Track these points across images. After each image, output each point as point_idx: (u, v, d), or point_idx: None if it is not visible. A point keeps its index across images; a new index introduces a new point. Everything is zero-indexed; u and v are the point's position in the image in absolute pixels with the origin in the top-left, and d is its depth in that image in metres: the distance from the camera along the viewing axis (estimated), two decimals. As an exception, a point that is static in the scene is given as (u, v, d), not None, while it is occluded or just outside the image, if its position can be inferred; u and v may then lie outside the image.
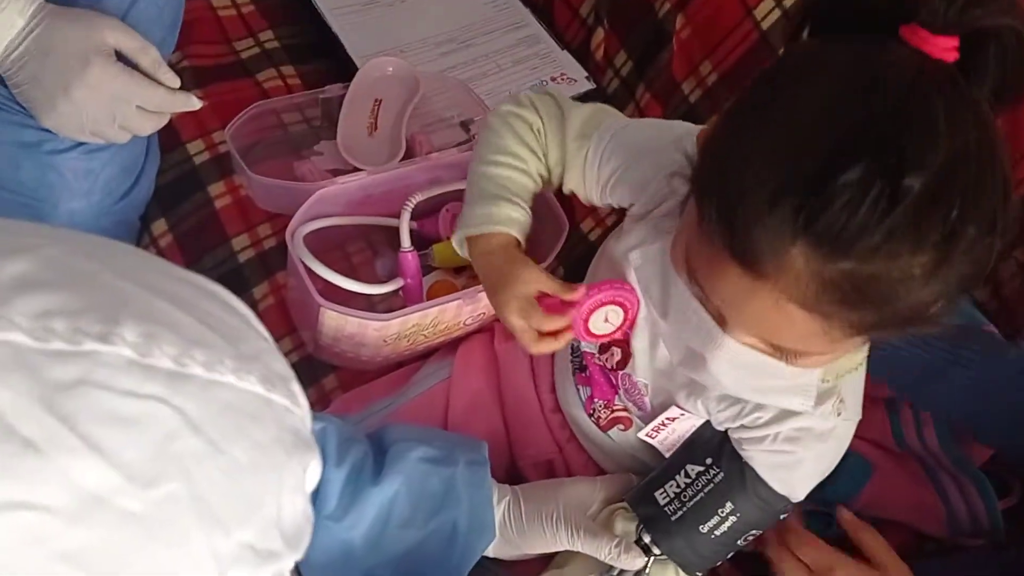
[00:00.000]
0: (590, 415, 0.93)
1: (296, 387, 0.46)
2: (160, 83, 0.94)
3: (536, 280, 0.80)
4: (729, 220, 0.61)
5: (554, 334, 0.80)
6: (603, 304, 0.79)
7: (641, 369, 0.87)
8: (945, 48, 0.59)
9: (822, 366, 0.72)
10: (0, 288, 0.37)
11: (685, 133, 0.82)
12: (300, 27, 1.27)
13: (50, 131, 0.94)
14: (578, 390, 0.93)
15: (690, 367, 0.74)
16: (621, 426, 0.91)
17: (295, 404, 0.45)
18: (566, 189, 0.89)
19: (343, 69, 1.21)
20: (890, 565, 0.88)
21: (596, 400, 0.92)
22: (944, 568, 0.97)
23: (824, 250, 0.57)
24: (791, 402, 0.75)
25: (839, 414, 0.78)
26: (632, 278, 0.82)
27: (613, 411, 0.91)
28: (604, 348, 0.91)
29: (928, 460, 1.00)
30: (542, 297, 0.80)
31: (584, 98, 1.26)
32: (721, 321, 0.68)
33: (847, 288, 0.59)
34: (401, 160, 1.10)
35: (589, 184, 0.86)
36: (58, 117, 0.91)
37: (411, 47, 1.25)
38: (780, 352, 0.67)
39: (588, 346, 0.91)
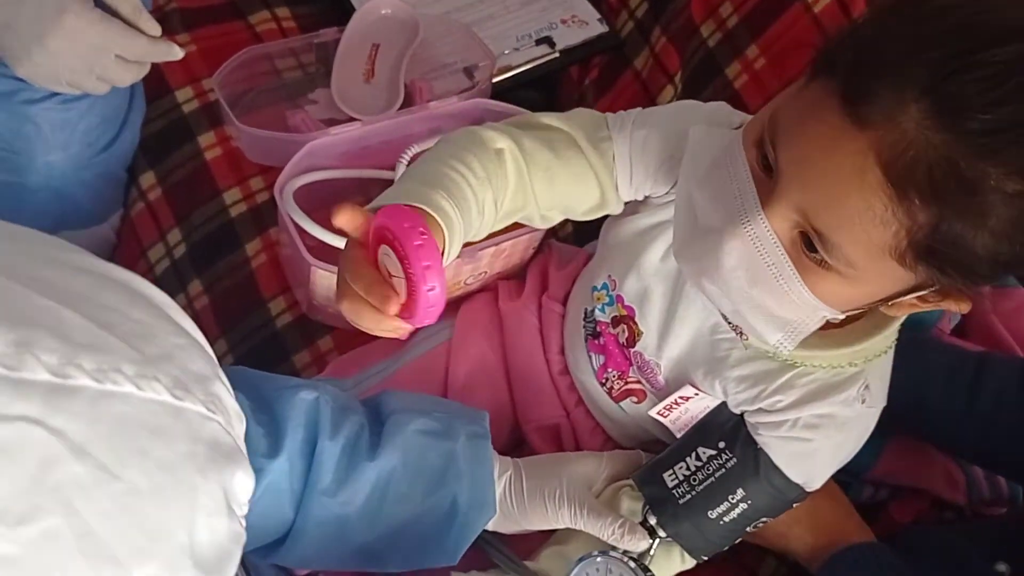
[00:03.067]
0: (602, 384, 0.88)
1: (219, 387, 0.40)
2: (141, 31, 0.89)
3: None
4: (859, 60, 0.58)
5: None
6: (380, 242, 0.61)
7: (651, 348, 0.82)
8: None
9: (833, 304, 0.64)
10: None
11: (701, 107, 0.79)
12: (295, -36, 1.21)
13: (24, 80, 0.89)
14: (590, 357, 0.89)
15: (692, 252, 0.68)
16: (634, 398, 0.87)
17: (215, 409, 0.39)
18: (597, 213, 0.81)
19: (340, 10, 1.15)
20: None
21: (610, 369, 0.87)
22: (968, 535, 0.93)
23: (946, 113, 0.54)
24: (769, 333, 0.68)
25: (863, 401, 0.74)
26: (652, 253, 0.79)
27: (627, 382, 0.87)
28: (616, 322, 0.86)
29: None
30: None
31: (597, 42, 1.19)
32: (766, 195, 0.62)
33: (936, 167, 0.55)
34: (399, 109, 1.04)
35: (637, 179, 0.78)
36: (33, 67, 0.86)
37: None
38: (804, 255, 0.62)
39: (603, 315, 0.86)
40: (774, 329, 0.68)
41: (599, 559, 0.78)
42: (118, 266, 0.41)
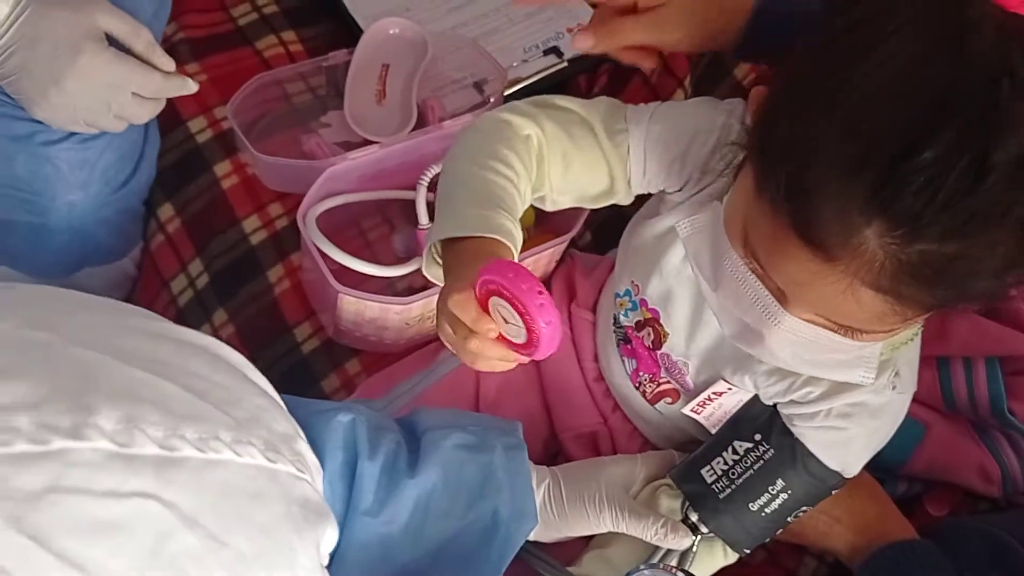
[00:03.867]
0: (636, 387, 0.89)
1: (302, 445, 0.41)
2: (155, 67, 0.89)
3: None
4: (796, 196, 0.57)
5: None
6: (490, 294, 0.63)
7: (679, 349, 0.83)
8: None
9: (886, 339, 0.68)
10: None
11: (718, 104, 0.78)
12: (303, -12, 1.21)
13: (42, 122, 0.89)
14: (623, 361, 0.90)
15: (745, 342, 0.70)
16: (668, 399, 0.87)
17: (302, 467, 0.41)
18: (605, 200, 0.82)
19: (347, 31, 1.15)
20: None
21: (642, 373, 0.88)
22: (1005, 525, 0.94)
23: (903, 231, 0.54)
24: (851, 375, 0.70)
25: (893, 387, 0.75)
26: (674, 255, 0.78)
27: (659, 384, 0.87)
28: (640, 325, 0.86)
29: (978, 419, 0.96)
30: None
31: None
32: (781, 298, 0.64)
33: (926, 270, 0.55)
34: (413, 128, 1.04)
35: (651, 173, 0.78)
36: (50, 109, 0.86)
37: (417, 5, 1.18)
38: (843, 329, 0.64)
39: (628, 320, 0.87)
40: (852, 368, 0.70)
41: (646, 572, 0.78)
42: (193, 330, 0.42)
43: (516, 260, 0.68)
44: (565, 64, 1.17)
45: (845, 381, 0.72)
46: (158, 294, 1.07)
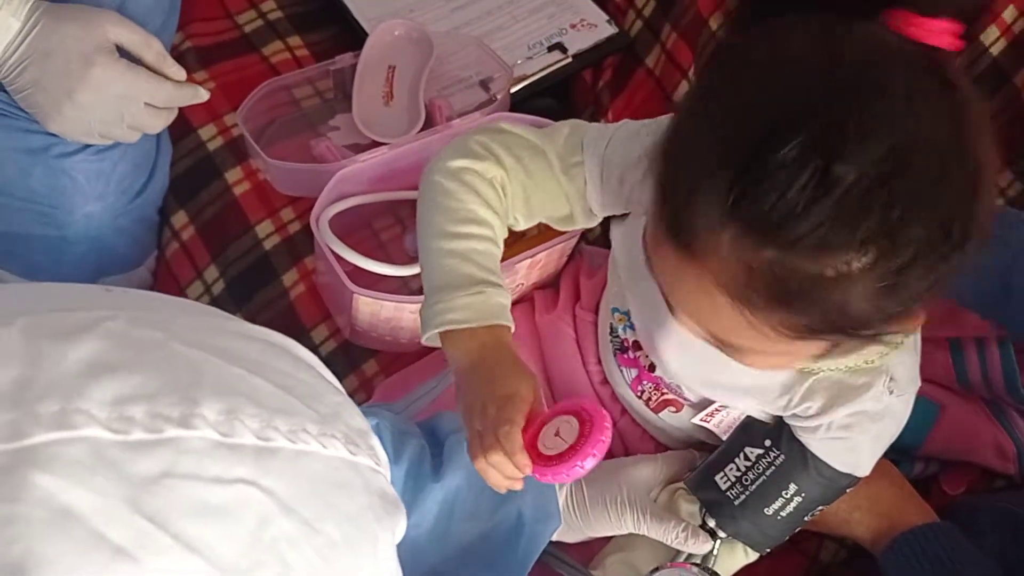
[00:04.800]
0: (638, 396, 0.89)
1: (375, 441, 0.43)
2: (166, 77, 0.90)
3: (527, 399, 0.69)
4: (666, 194, 0.58)
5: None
6: (553, 417, 0.70)
7: (672, 375, 0.83)
8: (939, 32, 0.54)
9: (778, 369, 0.68)
10: (70, 376, 0.35)
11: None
12: (307, -7, 1.22)
13: (57, 135, 0.90)
14: (621, 371, 0.89)
15: (647, 344, 0.73)
16: (672, 408, 0.87)
17: (377, 461, 0.43)
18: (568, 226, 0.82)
19: (352, 34, 1.16)
20: None
21: (644, 382, 0.88)
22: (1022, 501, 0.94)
23: (752, 234, 0.54)
24: (747, 405, 0.73)
25: (891, 392, 0.74)
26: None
27: (663, 394, 0.87)
28: (637, 346, 0.86)
29: (993, 398, 0.96)
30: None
31: (608, 43, 1.20)
32: (670, 303, 0.65)
33: (772, 281, 0.55)
34: (421, 129, 1.05)
35: (607, 201, 0.78)
36: (64, 122, 0.87)
37: (420, 5, 1.19)
38: (722, 345, 0.63)
39: (625, 334, 0.87)
40: (750, 399, 0.75)
41: (668, 572, 0.79)
42: (276, 332, 0.44)
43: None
44: (570, 60, 1.18)
45: (745, 412, 0.73)
46: (175, 301, 1.08)
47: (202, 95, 0.93)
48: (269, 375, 0.40)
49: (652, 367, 0.85)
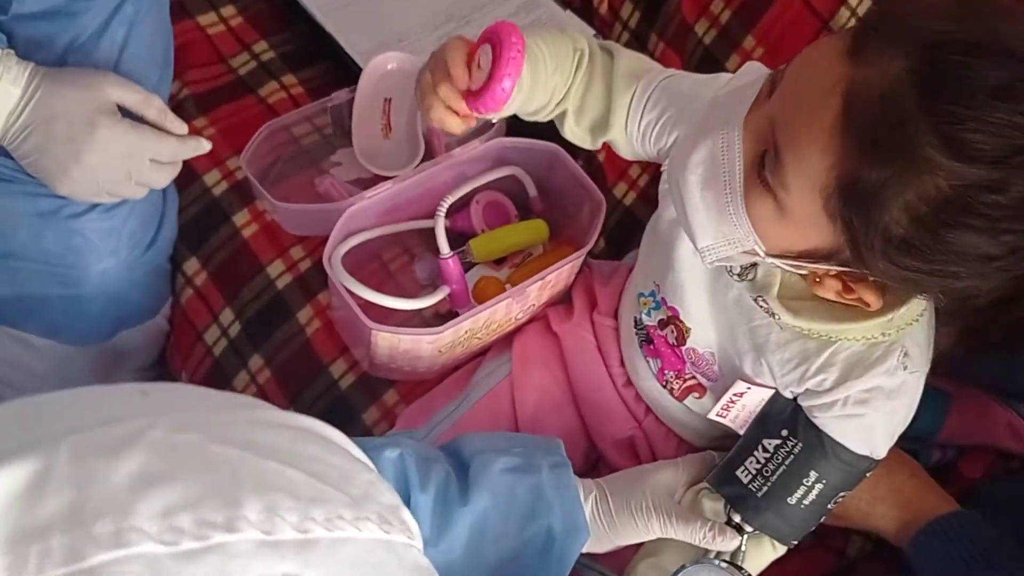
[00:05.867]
0: (663, 386, 0.92)
1: (406, 514, 0.45)
2: (169, 132, 0.92)
3: (461, 40, 0.81)
4: (882, 12, 0.65)
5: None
6: (475, 51, 0.78)
7: (703, 340, 0.86)
8: None
9: (767, 239, 0.70)
10: (120, 493, 0.37)
11: (737, 72, 0.85)
12: (292, 32, 1.23)
13: (66, 197, 0.92)
14: (648, 362, 0.92)
15: (676, 158, 0.75)
16: (696, 394, 0.90)
17: (411, 535, 0.44)
18: (603, 139, 0.90)
19: (344, 68, 1.17)
20: None
21: (667, 371, 0.91)
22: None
23: (921, 84, 0.58)
24: (701, 235, 0.73)
25: (905, 368, 0.77)
26: (683, 247, 0.83)
27: (685, 380, 0.90)
28: (663, 324, 0.89)
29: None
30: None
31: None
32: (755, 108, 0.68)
33: (887, 125, 0.59)
34: (423, 160, 1.06)
35: (631, 127, 0.87)
36: (73, 184, 0.89)
37: (409, 34, 1.20)
38: (756, 179, 0.67)
39: (650, 319, 0.90)
40: (707, 234, 0.73)
41: (695, 568, 0.80)
42: (302, 415, 0.46)
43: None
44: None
45: (693, 238, 0.74)
46: (193, 346, 1.10)
47: (205, 146, 0.95)
48: (302, 464, 0.41)
49: (680, 340, 0.87)
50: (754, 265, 0.78)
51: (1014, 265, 0.62)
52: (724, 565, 0.81)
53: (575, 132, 0.90)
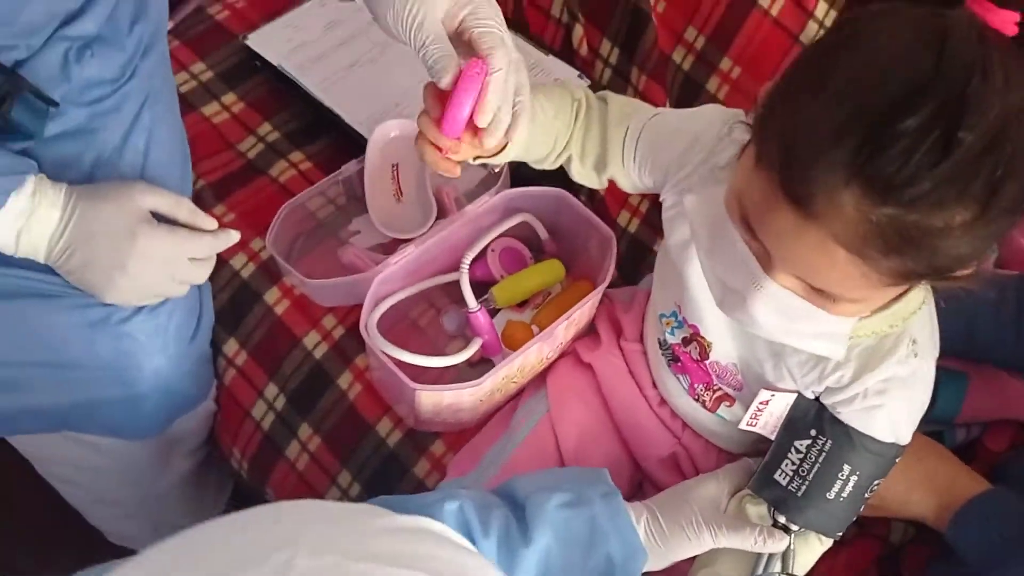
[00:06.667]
0: (696, 399, 0.97)
1: None
2: (201, 229, 0.97)
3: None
4: (787, 157, 0.65)
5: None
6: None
7: (724, 353, 0.91)
8: (1005, 21, 0.63)
9: (856, 315, 0.76)
10: None
11: (719, 109, 0.91)
12: (293, 111, 1.28)
13: (113, 304, 0.97)
14: (678, 379, 0.98)
15: (729, 306, 0.79)
16: (727, 403, 0.95)
17: None
18: (606, 176, 0.96)
19: (347, 138, 1.23)
20: None
21: (697, 385, 0.96)
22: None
23: (875, 193, 0.62)
24: (820, 347, 0.79)
25: (916, 355, 0.82)
26: (694, 267, 0.87)
27: (714, 392, 0.95)
28: (686, 341, 0.94)
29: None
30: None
31: (583, 97, 1.27)
32: (765, 263, 0.72)
33: (891, 234, 0.63)
34: (436, 219, 1.12)
35: (627, 164, 0.93)
36: (120, 292, 0.94)
37: (404, 99, 1.26)
38: (817, 295, 0.72)
39: (674, 338, 0.95)
40: (822, 342, 0.78)
41: None
42: (406, 515, 0.50)
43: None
44: (554, 120, 1.25)
45: (814, 352, 0.80)
46: (242, 423, 1.15)
47: (234, 237, 1.00)
48: (424, 563, 0.45)
49: (703, 355, 0.92)
50: None
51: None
52: None
53: (582, 173, 0.96)
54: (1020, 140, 0.62)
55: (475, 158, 0.88)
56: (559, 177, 1.02)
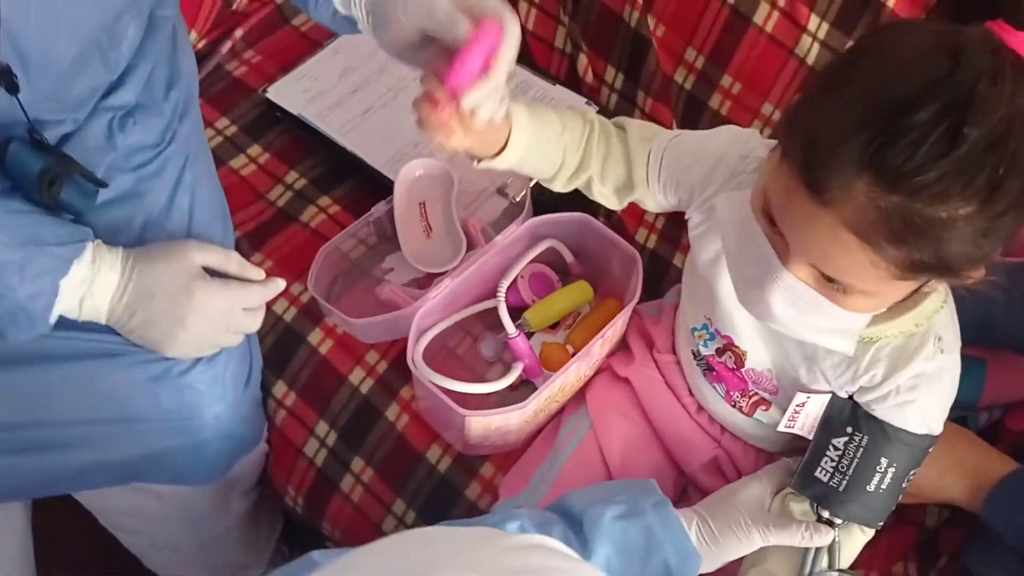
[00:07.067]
0: (733, 406, 1.02)
1: None
2: (251, 279, 1.02)
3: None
4: (809, 150, 0.72)
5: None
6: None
7: (759, 361, 0.96)
8: (1022, 42, 0.70)
9: (868, 311, 0.81)
10: None
11: (735, 130, 0.96)
12: (317, 157, 1.34)
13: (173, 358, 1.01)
14: (714, 387, 1.02)
15: (749, 301, 0.85)
16: (763, 407, 1.00)
17: None
18: (629, 199, 1.01)
19: (371, 179, 1.28)
20: None
21: (733, 392, 1.00)
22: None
23: (884, 182, 0.68)
24: (832, 342, 0.85)
25: (942, 351, 0.87)
26: (724, 280, 0.92)
27: (751, 397, 1.00)
28: (721, 352, 0.99)
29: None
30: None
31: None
32: (783, 254, 0.78)
33: (898, 222, 0.69)
34: (468, 250, 1.17)
35: (652, 185, 0.98)
36: (180, 346, 0.99)
37: (421, 138, 1.29)
38: (830, 288, 0.77)
39: (708, 350, 1.00)
40: (834, 338, 0.84)
41: None
42: (521, 534, 0.55)
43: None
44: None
45: (825, 347, 0.86)
46: (295, 462, 1.19)
47: (280, 284, 1.04)
48: (550, 575, 0.50)
49: (739, 364, 0.97)
50: None
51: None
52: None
53: (602, 193, 1.01)
54: (1021, 145, 0.68)
55: (477, 161, 0.93)
56: (578, 201, 1.07)
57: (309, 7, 0.94)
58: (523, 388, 1.13)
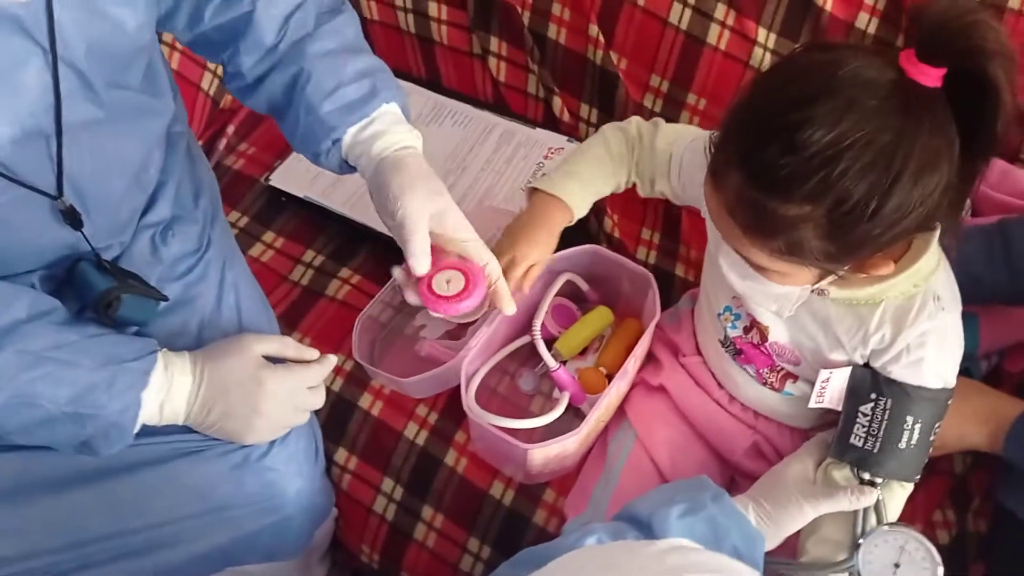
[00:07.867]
0: (764, 384, 1.10)
1: None
2: (309, 361, 1.10)
3: (516, 251, 1.12)
4: (717, 142, 0.89)
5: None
6: (442, 270, 1.04)
7: (780, 334, 1.05)
8: (928, 75, 0.80)
9: (794, 285, 0.95)
10: None
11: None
12: (328, 232, 1.41)
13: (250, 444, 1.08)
14: (745, 370, 1.11)
15: (725, 266, 1.01)
16: (791, 380, 1.09)
17: None
18: (658, 190, 1.18)
19: (383, 244, 1.35)
20: None
21: (763, 370, 1.09)
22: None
23: (746, 179, 0.83)
24: (771, 305, 1.01)
25: (943, 309, 0.96)
26: None
27: (779, 372, 1.09)
28: (747, 330, 1.09)
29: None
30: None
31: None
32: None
33: (752, 212, 0.85)
34: (489, 295, 1.26)
35: (673, 182, 1.16)
36: (257, 433, 1.06)
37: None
38: (748, 263, 0.93)
39: (735, 331, 1.09)
40: (771, 302, 1.00)
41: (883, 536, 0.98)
42: (662, 539, 0.62)
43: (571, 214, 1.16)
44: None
45: (768, 309, 1.02)
46: (366, 521, 1.27)
47: (333, 360, 1.12)
48: (707, 568, 0.57)
49: (763, 338, 1.07)
50: None
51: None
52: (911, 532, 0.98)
53: (639, 184, 1.20)
54: (855, 164, 0.80)
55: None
56: (583, 232, 1.17)
57: (320, 161, 1.08)
58: (567, 415, 1.21)
